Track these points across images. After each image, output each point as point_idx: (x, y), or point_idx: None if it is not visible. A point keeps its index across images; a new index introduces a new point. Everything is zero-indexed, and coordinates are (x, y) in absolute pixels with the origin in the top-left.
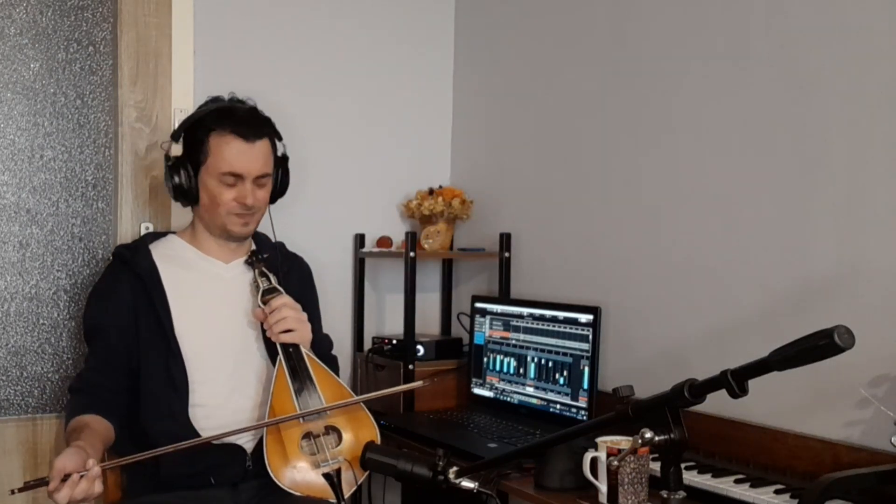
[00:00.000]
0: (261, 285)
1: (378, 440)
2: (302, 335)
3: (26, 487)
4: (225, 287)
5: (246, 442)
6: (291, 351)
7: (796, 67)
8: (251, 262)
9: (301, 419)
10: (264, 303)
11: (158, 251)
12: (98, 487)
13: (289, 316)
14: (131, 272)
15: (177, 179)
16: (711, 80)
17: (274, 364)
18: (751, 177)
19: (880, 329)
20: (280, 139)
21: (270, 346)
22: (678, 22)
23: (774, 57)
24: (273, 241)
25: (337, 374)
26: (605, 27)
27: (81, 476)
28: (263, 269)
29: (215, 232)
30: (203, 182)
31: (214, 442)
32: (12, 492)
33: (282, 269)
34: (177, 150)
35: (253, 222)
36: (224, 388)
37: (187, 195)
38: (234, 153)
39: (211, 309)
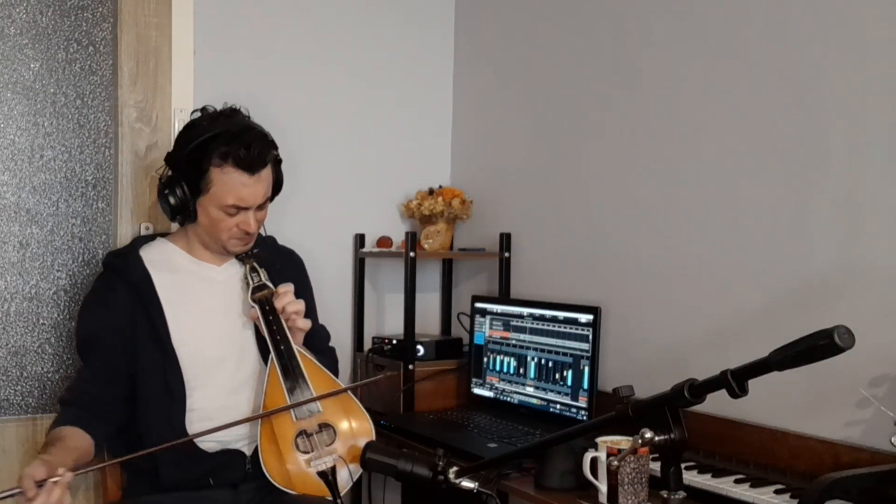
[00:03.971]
0: (251, 282)
1: (373, 434)
2: (307, 323)
3: (1, 496)
4: (219, 290)
5: (244, 445)
6: (283, 349)
7: (796, 67)
8: (242, 258)
9: (294, 418)
10: (254, 300)
11: (149, 257)
12: (68, 498)
13: (293, 299)
14: (124, 281)
15: (173, 202)
16: (712, 81)
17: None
18: (751, 177)
19: (880, 329)
20: (276, 149)
21: (266, 347)
22: (678, 22)
23: (775, 57)
24: (263, 235)
25: (336, 366)
26: (604, 27)
27: (55, 482)
28: (254, 264)
29: (213, 248)
30: (202, 208)
31: (212, 450)
32: None
33: (275, 266)
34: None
35: (252, 240)
36: (222, 391)
37: (185, 217)
38: (238, 186)
39: (206, 313)
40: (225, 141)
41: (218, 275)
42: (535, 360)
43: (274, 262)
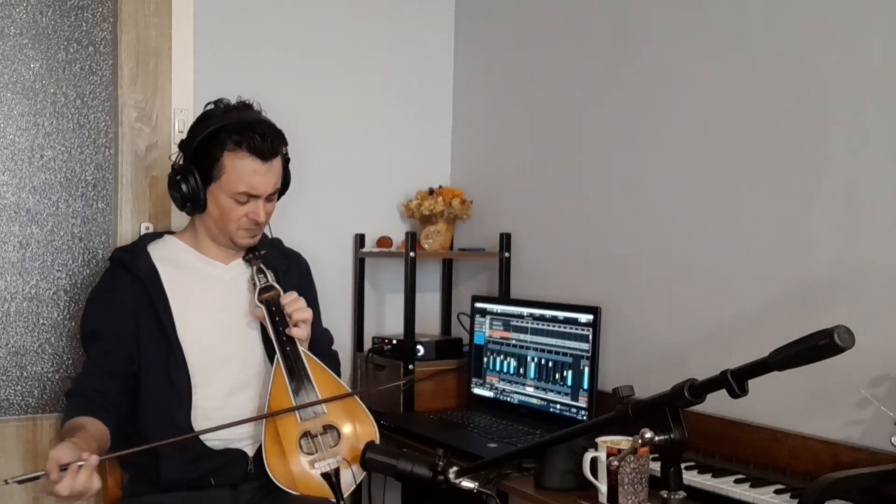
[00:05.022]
0: (258, 283)
1: (377, 439)
2: (308, 332)
3: (24, 479)
4: (225, 288)
5: (246, 446)
6: (289, 350)
7: (796, 67)
8: (249, 259)
9: (299, 419)
10: (261, 301)
11: (157, 253)
12: (97, 481)
13: (304, 307)
14: (131, 276)
15: (185, 189)
16: (712, 80)
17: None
18: (751, 177)
19: (880, 329)
20: (286, 145)
21: (271, 347)
22: (678, 22)
23: (775, 56)
24: (269, 237)
25: (338, 369)
26: (604, 27)
27: (80, 466)
28: (261, 265)
29: (221, 241)
30: (213, 196)
31: (215, 447)
32: (6, 482)
33: (280, 268)
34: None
35: (260, 233)
36: (226, 391)
37: (195, 206)
38: (250, 173)
39: (212, 311)
40: (239, 129)
41: (225, 273)
42: (535, 360)
43: (280, 265)
